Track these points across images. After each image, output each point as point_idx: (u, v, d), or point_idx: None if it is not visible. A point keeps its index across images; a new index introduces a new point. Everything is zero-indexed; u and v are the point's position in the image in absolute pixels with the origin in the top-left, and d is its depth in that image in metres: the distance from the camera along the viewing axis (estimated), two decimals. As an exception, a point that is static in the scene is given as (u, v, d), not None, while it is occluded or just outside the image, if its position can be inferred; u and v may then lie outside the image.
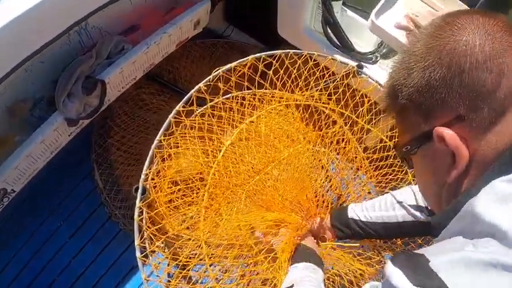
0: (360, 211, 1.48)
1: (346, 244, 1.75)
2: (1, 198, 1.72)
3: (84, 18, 1.70)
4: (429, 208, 1.29)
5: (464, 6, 1.79)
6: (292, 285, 1.22)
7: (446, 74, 0.68)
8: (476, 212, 0.62)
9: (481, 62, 0.65)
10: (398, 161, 1.66)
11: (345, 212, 1.52)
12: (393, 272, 0.63)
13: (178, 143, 1.44)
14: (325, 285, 1.32)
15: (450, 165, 0.71)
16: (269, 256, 1.50)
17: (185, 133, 1.46)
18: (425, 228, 1.34)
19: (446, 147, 0.70)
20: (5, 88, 1.63)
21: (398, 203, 1.38)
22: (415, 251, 0.70)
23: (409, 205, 1.36)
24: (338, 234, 1.56)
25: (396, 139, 1.66)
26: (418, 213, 1.34)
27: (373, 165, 1.75)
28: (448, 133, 0.69)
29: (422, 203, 1.33)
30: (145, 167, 1.33)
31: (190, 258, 1.41)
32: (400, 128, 0.84)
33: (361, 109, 1.66)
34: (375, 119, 1.67)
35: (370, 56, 1.99)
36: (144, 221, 1.29)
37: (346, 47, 1.98)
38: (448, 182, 0.73)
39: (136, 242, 1.26)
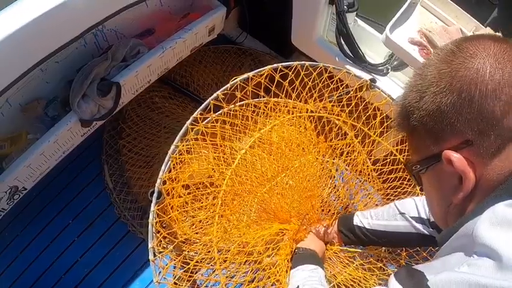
0: (364, 218, 1.52)
1: (351, 249, 1.78)
2: (12, 195, 1.74)
3: (101, 21, 1.72)
4: (431, 221, 1.33)
5: (477, 22, 1.81)
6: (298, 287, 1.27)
7: (456, 100, 0.69)
8: (475, 232, 0.65)
9: (490, 90, 0.67)
10: (407, 175, 1.68)
11: (350, 218, 1.56)
12: (395, 287, 0.70)
13: (192, 149, 1.45)
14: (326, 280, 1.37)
15: (457, 187, 0.74)
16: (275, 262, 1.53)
17: (199, 139, 1.47)
18: (426, 241, 1.39)
19: (454, 170, 0.72)
20: (19, 86, 1.65)
21: (401, 214, 1.41)
22: (417, 267, 0.75)
23: (412, 217, 1.38)
24: (343, 239, 1.59)
25: (406, 154, 1.67)
26: (419, 226, 1.36)
27: (382, 177, 1.76)
28: (456, 157, 0.70)
29: (424, 215, 1.36)
30: (161, 171, 1.34)
31: (199, 262, 1.43)
32: (410, 147, 0.86)
33: (373, 122, 1.67)
34: (386, 132, 1.68)
35: (381, 67, 2.01)
36: (157, 225, 1.31)
37: (358, 58, 2.00)
38: (454, 202, 0.76)
39: (150, 244, 1.27)
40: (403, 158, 1.67)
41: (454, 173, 0.72)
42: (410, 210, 1.40)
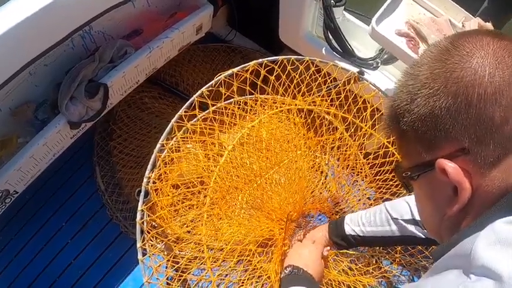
0: (356, 226, 1.46)
1: (350, 252, 1.78)
2: (4, 199, 1.74)
3: (87, 22, 1.72)
4: None
5: (466, 13, 1.80)
6: None
7: (452, 104, 0.63)
8: (474, 253, 0.59)
9: (489, 94, 0.61)
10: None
11: (341, 226, 1.49)
12: None
13: (180, 147, 1.45)
14: None
15: (451, 198, 0.68)
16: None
17: (187, 137, 1.47)
18: (421, 242, 1.36)
19: (448, 180, 0.66)
20: (9, 90, 1.65)
21: (394, 219, 1.37)
22: (412, 284, 0.74)
23: (405, 220, 1.34)
24: (337, 247, 1.54)
25: (396, 157, 1.66)
26: (413, 228, 1.33)
27: (374, 170, 1.76)
28: (450, 166, 0.65)
29: (418, 216, 1.31)
30: (147, 170, 1.34)
31: (190, 261, 1.42)
32: (400, 151, 0.80)
33: (364, 114, 1.67)
34: (377, 124, 1.68)
35: (371, 62, 2.00)
36: (145, 224, 1.30)
37: (347, 53, 2.00)
38: (448, 214, 0.70)
39: (139, 244, 1.27)
40: (396, 150, 1.66)
41: (449, 183, 0.66)
42: (403, 213, 1.36)
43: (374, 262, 1.79)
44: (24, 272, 2.19)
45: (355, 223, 1.47)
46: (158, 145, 1.37)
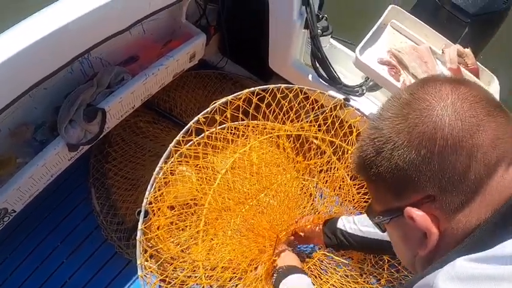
0: (347, 222, 1.56)
1: (336, 258, 1.84)
2: (2, 217, 1.78)
3: (88, 50, 1.77)
4: None
5: (446, 40, 1.88)
6: None
7: (415, 157, 0.67)
8: (435, 284, 0.64)
9: (450, 145, 0.65)
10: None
11: (335, 221, 1.60)
12: None
13: (175, 170, 1.52)
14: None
15: (422, 240, 0.72)
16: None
17: (181, 161, 1.54)
18: None
19: (417, 226, 0.70)
20: (9, 112, 1.69)
21: None
22: None
23: None
24: (326, 240, 1.63)
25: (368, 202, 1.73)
26: None
27: (361, 191, 1.82)
28: (418, 214, 0.69)
29: None
30: (147, 192, 1.41)
31: (187, 277, 1.48)
32: (371, 195, 0.83)
33: (350, 137, 1.74)
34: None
35: (357, 89, 2.09)
36: (143, 242, 1.37)
37: (334, 80, 2.07)
38: (420, 254, 0.74)
39: (139, 261, 1.33)
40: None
41: (418, 228, 0.70)
42: None
43: (362, 281, 1.84)
44: (20, 291, 2.21)
45: (348, 220, 1.57)
46: (157, 168, 1.44)
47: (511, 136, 0.68)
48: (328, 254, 1.85)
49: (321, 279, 1.81)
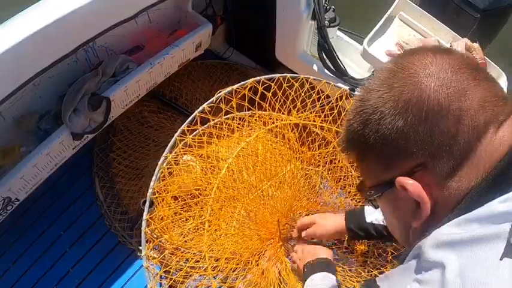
0: (380, 215, 1.46)
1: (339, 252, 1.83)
2: (5, 206, 1.78)
3: (92, 38, 1.77)
4: None
5: (454, 33, 1.87)
6: None
7: (403, 125, 0.67)
8: (422, 250, 0.65)
9: (436, 111, 0.65)
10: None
11: (361, 215, 1.51)
12: None
13: (179, 160, 1.51)
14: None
15: (415, 211, 0.71)
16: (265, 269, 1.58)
17: (186, 151, 1.53)
18: None
19: (409, 195, 0.69)
20: (13, 100, 1.70)
21: None
22: (379, 278, 0.79)
23: None
24: (351, 236, 1.56)
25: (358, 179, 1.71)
26: None
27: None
28: (409, 183, 0.68)
29: None
30: (152, 182, 1.40)
31: (191, 268, 1.48)
32: (361, 172, 0.82)
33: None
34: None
35: (363, 82, 2.06)
36: (148, 233, 1.36)
37: (340, 72, 2.06)
38: (414, 225, 0.73)
39: (144, 251, 1.32)
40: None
41: (411, 198, 0.69)
42: None
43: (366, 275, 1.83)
44: (22, 280, 2.19)
45: (375, 211, 1.47)
46: (162, 158, 1.43)
47: (499, 99, 0.67)
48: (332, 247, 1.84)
49: None
